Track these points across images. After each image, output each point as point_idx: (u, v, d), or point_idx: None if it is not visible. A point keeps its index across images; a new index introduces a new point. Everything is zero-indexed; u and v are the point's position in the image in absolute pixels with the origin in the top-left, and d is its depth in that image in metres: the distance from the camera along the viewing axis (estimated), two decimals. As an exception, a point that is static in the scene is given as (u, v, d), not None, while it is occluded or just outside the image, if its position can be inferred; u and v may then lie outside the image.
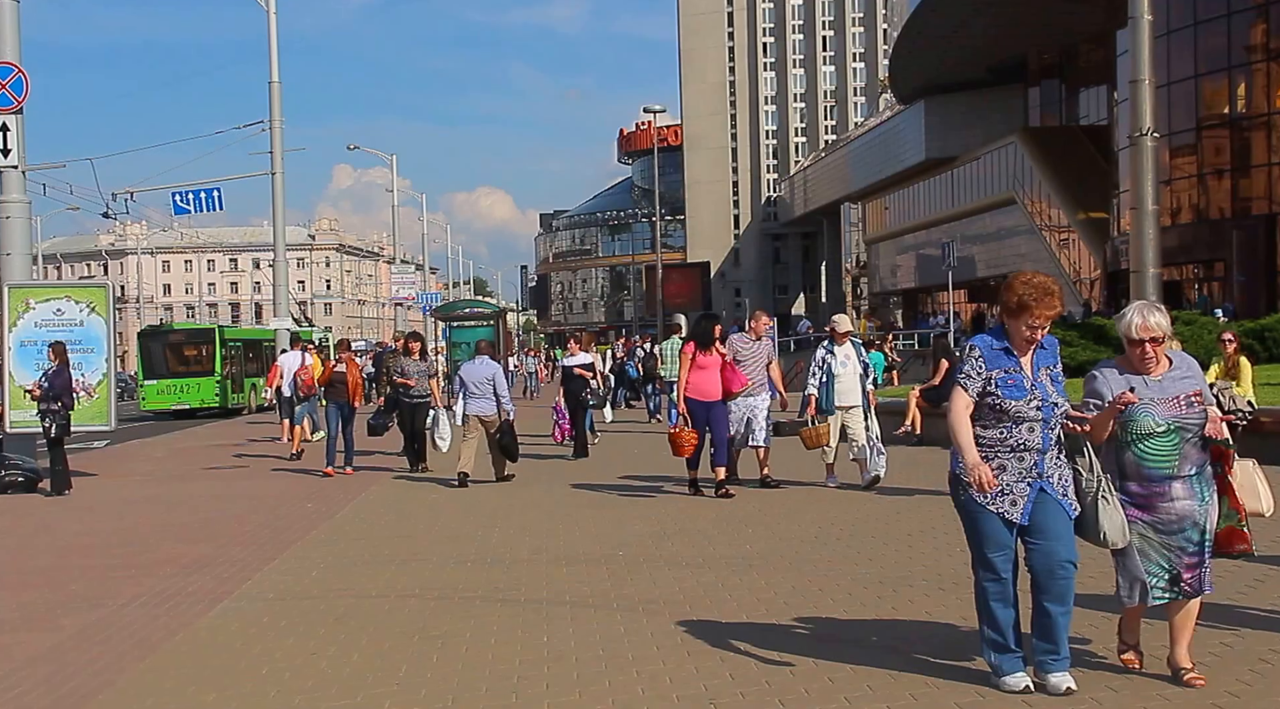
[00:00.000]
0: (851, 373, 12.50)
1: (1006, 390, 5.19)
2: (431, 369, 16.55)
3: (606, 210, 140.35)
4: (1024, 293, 5.19)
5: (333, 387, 16.23)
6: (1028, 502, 5.19)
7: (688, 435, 12.03)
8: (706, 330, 12.46)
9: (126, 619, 7.41)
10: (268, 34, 30.78)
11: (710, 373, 12.18)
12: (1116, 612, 5.75)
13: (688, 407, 12.19)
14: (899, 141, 69.49)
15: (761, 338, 12.98)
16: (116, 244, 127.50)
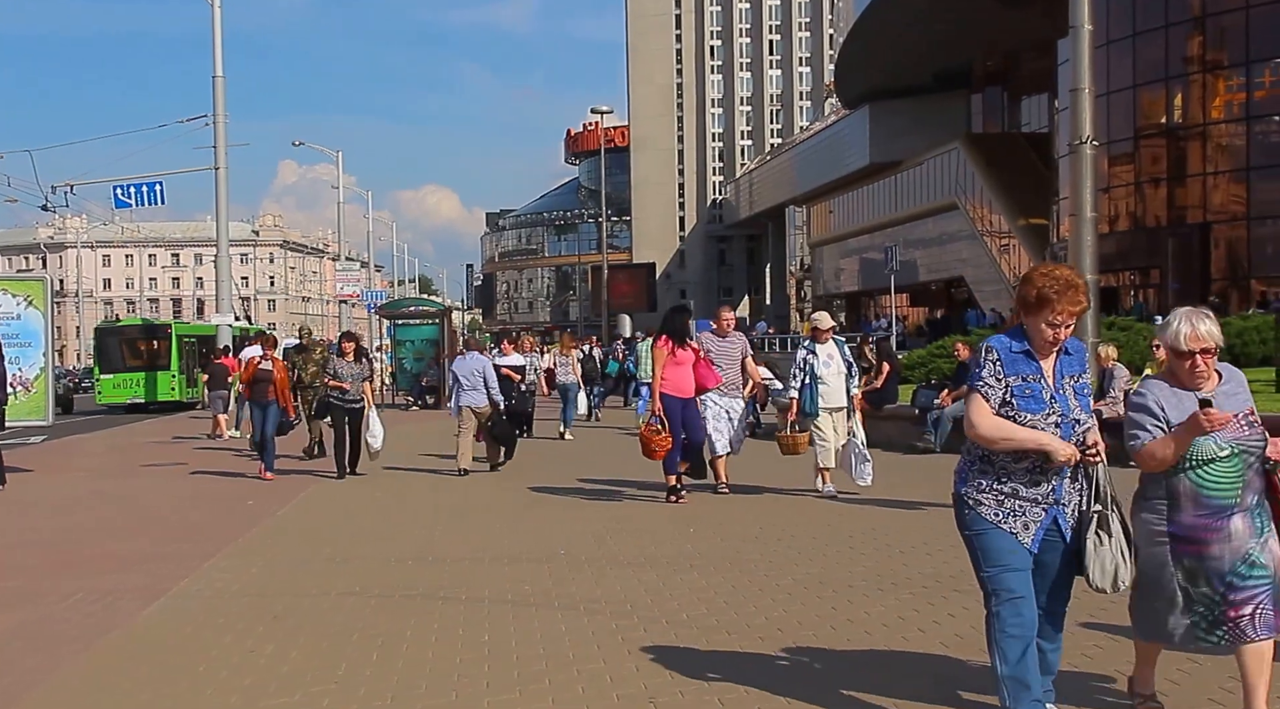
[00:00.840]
0: (835, 373, 11.84)
1: (1023, 402, 4.45)
2: (365, 371, 15.27)
3: (553, 210, 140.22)
4: (1044, 285, 4.45)
5: (256, 385, 15.30)
6: (1040, 528, 4.51)
7: (661, 438, 11.27)
8: (681, 324, 11.74)
9: (62, 616, 7.33)
10: (212, 28, 30.54)
11: (687, 369, 11.54)
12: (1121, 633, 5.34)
13: (664, 404, 11.39)
14: (844, 146, 69.87)
15: (728, 334, 12.40)
16: (56, 237, 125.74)
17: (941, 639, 6.21)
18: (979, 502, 4.54)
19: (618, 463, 16.60)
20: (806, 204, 79.69)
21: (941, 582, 7.61)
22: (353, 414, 14.79)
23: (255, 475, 15.13)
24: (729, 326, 12.49)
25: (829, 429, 11.82)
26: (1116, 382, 14.67)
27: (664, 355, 11.49)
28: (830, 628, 6.52)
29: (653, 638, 6.38)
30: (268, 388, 15.13)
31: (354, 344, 15.32)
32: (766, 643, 6.23)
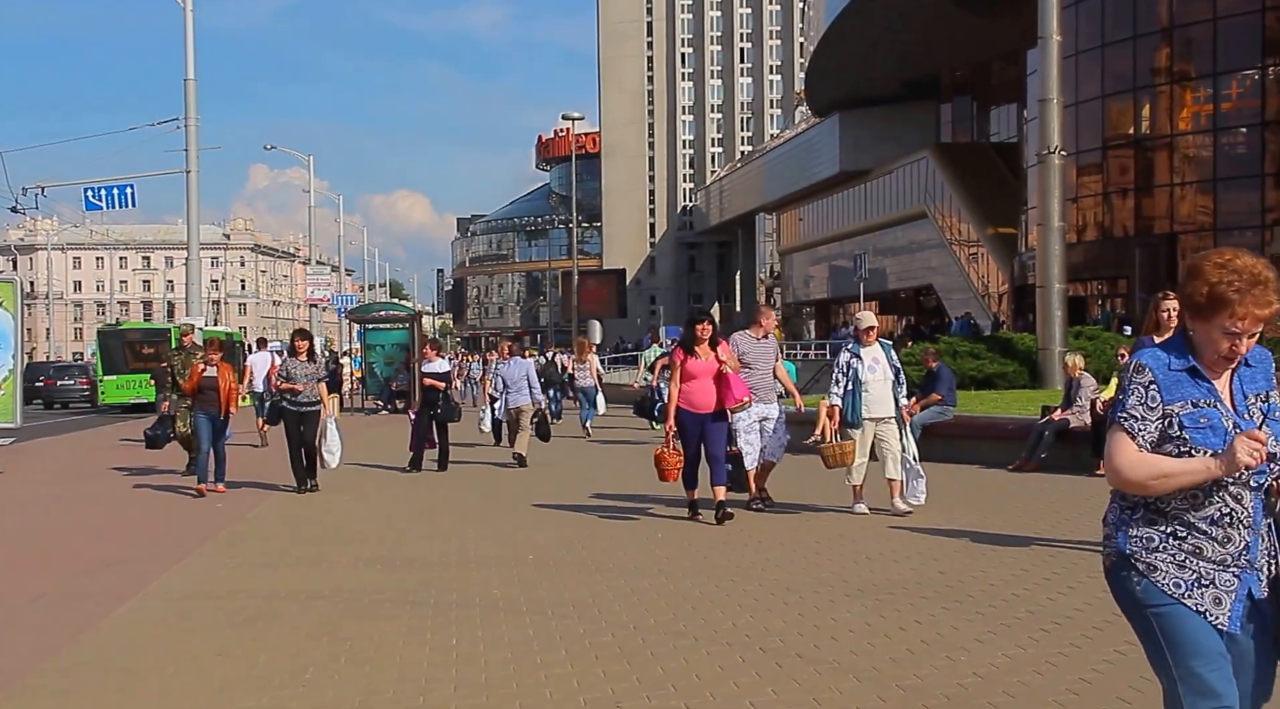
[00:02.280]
0: (882, 379, 10.83)
1: (1198, 434, 3.30)
2: (320, 371, 14.16)
3: (524, 216, 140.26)
4: (1219, 280, 3.25)
5: (202, 393, 13.87)
6: (1236, 601, 3.32)
7: (673, 457, 10.51)
8: (691, 332, 10.74)
9: (30, 618, 7.31)
10: (184, 30, 30.43)
11: (703, 381, 10.54)
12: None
13: (678, 420, 10.58)
14: (814, 154, 70.17)
15: (767, 335, 11.62)
16: (26, 239, 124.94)
17: (907, 645, 6.25)
18: (1152, 566, 3.35)
19: (587, 468, 16.62)
20: (776, 211, 79.99)
21: (907, 589, 7.66)
22: (308, 418, 13.65)
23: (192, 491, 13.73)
24: (768, 327, 11.63)
25: (865, 444, 10.85)
26: (1084, 391, 14.80)
27: (677, 368, 10.61)
28: (797, 634, 6.55)
29: (620, 643, 6.40)
30: (214, 396, 13.78)
31: (308, 342, 14.04)
32: (733, 649, 6.25)
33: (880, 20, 51.24)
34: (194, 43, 30.56)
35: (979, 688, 5.46)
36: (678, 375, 10.60)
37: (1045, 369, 22.62)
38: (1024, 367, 22.97)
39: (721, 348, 10.62)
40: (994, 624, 6.66)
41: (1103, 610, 6.93)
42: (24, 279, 20.80)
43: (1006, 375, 22.65)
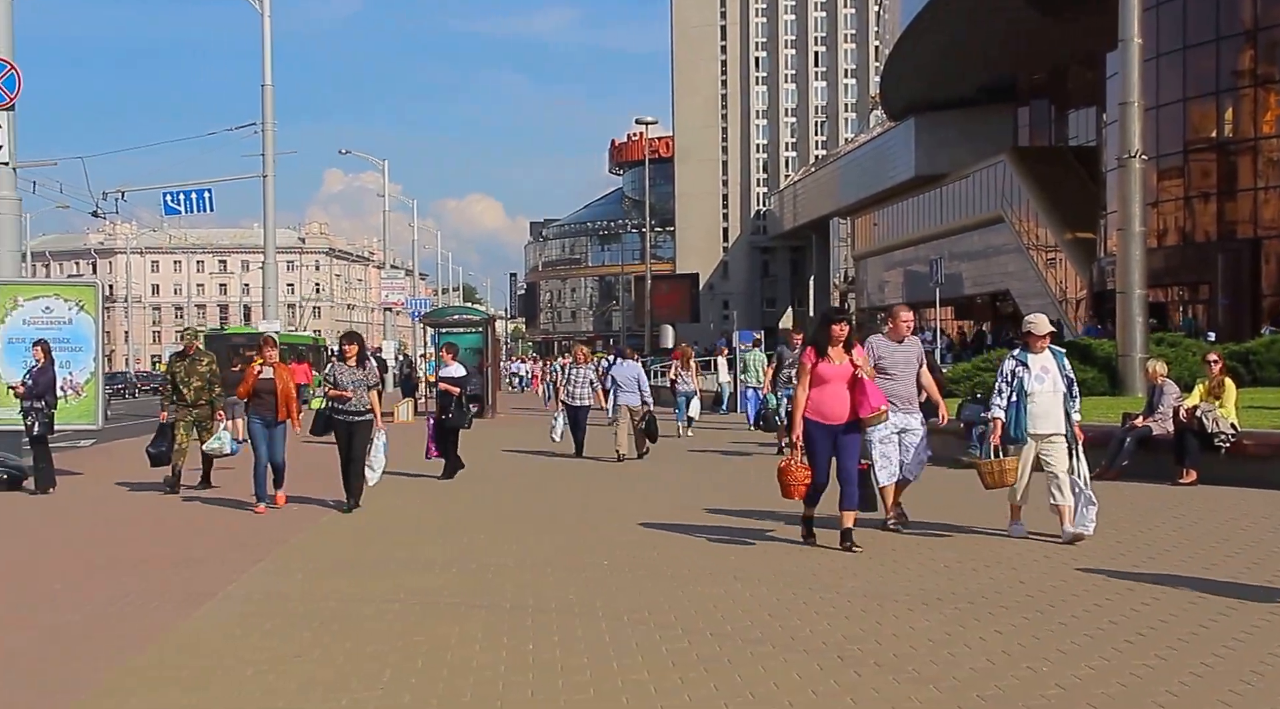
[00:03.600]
0: (1051, 390, 9.75)
1: None
2: (371, 378, 12.88)
3: (596, 220, 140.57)
4: None
5: (257, 397, 12.87)
6: None
7: (800, 472, 9.45)
8: (825, 333, 9.56)
9: (110, 619, 7.39)
10: (261, 36, 30.81)
11: (836, 388, 9.41)
12: None
13: (805, 432, 9.46)
14: (889, 158, 69.68)
15: (904, 339, 10.49)
16: (105, 243, 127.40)
17: (988, 656, 6.15)
18: None
19: (665, 472, 16.60)
20: (851, 216, 79.49)
21: (986, 598, 7.54)
22: (357, 429, 12.60)
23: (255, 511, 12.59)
24: (907, 329, 10.51)
25: (1027, 462, 9.83)
26: (1166, 398, 14.52)
27: (806, 372, 9.48)
28: (875, 642, 6.47)
29: (696, 650, 6.36)
30: (271, 401, 12.81)
31: (357, 346, 12.91)
32: (810, 657, 6.19)
33: (957, 23, 50.76)
34: (271, 48, 30.95)
35: (1062, 700, 5.36)
36: (806, 380, 9.46)
37: (1125, 376, 22.26)
38: (1103, 373, 22.60)
39: (857, 351, 9.54)
40: (1077, 635, 6.54)
41: (1188, 622, 6.79)
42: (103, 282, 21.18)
43: (1086, 382, 22.24)
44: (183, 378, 14.86)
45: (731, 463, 17.91)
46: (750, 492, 13.98)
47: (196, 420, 14.79)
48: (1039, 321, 10.04)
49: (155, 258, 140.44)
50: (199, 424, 14.79)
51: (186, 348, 15.29)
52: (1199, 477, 13.50)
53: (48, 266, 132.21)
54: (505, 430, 26.22)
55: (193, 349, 15.26)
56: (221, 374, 15.54)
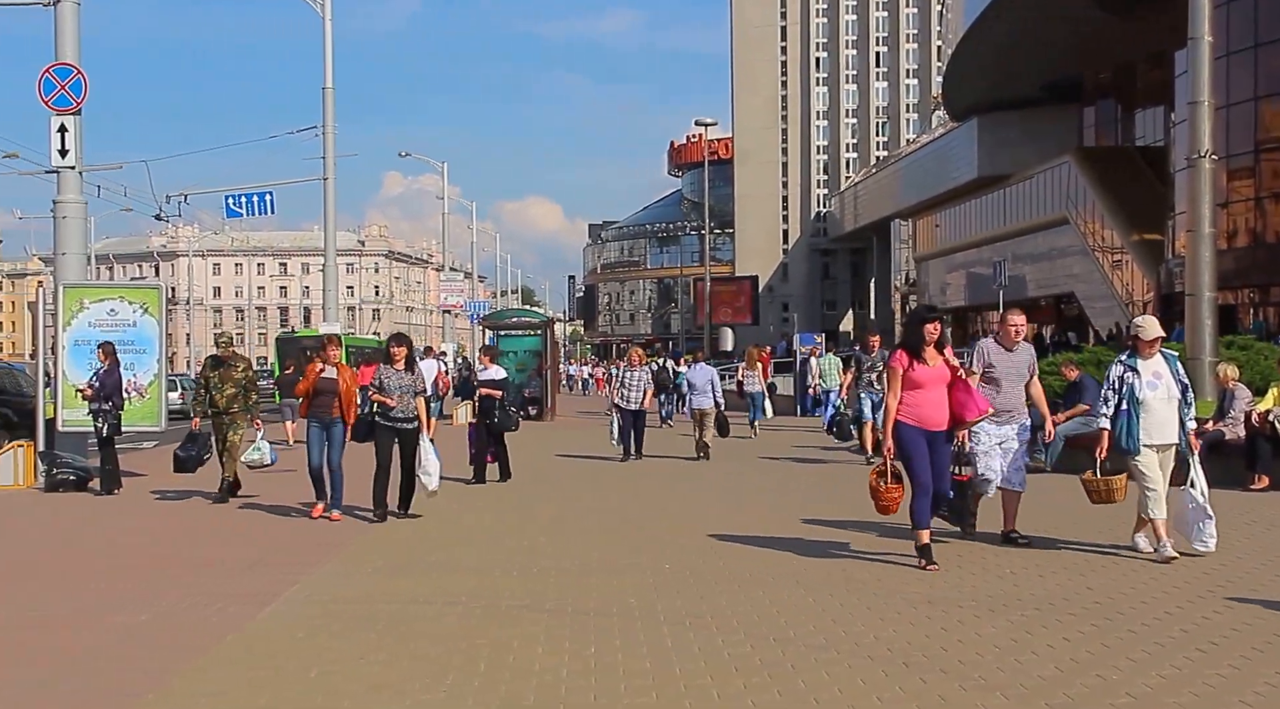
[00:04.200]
0: (1164, 397, 9.07)
1: None
2: (419, 383, 12.16)
3: (655, 222, 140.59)
4: None
5: (318, 397, 12.24)
6: None
7: (891, 491, 8.90)
8: (918, 333, 8.91)
9: (176, 619, 7.46)
10: (322, 39, 30.95)
11: (932, 392, 8.78)
12: None
13: (901, 438, 8.75)
14: (951, 159, 69.09)
15: (1016, 345, 9.77)
16: (168, 246, 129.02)
17: (1055, 663, 6.06)
18: None
19: (725, 475, 16.56)
20: (912, 217, 78.91)
21: (1054, 605, 7.44)
22: (404, 436, 11.97)
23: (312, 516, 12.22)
24: (1018, 335, 9.81)
25: (1155, 469, 9.05)
26: (1238, 402, 14.28)
27: (899, 374, 8.81)
28: (940, 649, 6.40)
29: (760, 655, 6.32)
30: (331, 401, 12.25)
31: (405, 349, 12.19)
32: (876, 663, 6.13)
33: (1021, 22, 50.21)
34: (332, 51, 31.08)
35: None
36: (898, 384, 8.78)
37: (1194, 380, 21.85)
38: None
39: (949, 350, 8.99)
40: (1147, 643, 6.44)
41: (1263, 630, 6.66)
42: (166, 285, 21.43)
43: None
44: (215, 383, 14.35)
45: (799, 468, 17.82)
46: (814, 497, 13.93)
47: (227, 428, 14.26)
48: (1148, 325, 9.30)
49: (216, 260, 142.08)
50: (232, 429, 14.27)
51: (223, 353, 14.81)
52: (1270, 482, 13.26)
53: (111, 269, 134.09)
54: (564, 433, 26.30)
55: (229, 355, 14.79)
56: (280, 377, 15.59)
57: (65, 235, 18.04)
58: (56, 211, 18.11)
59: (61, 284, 17.53)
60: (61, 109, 17.64)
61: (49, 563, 9.97)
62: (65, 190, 17.98)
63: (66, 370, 16.91)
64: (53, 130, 17.67)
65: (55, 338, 17.20)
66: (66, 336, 17.02)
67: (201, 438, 14.46)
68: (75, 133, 17.75)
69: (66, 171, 17.90)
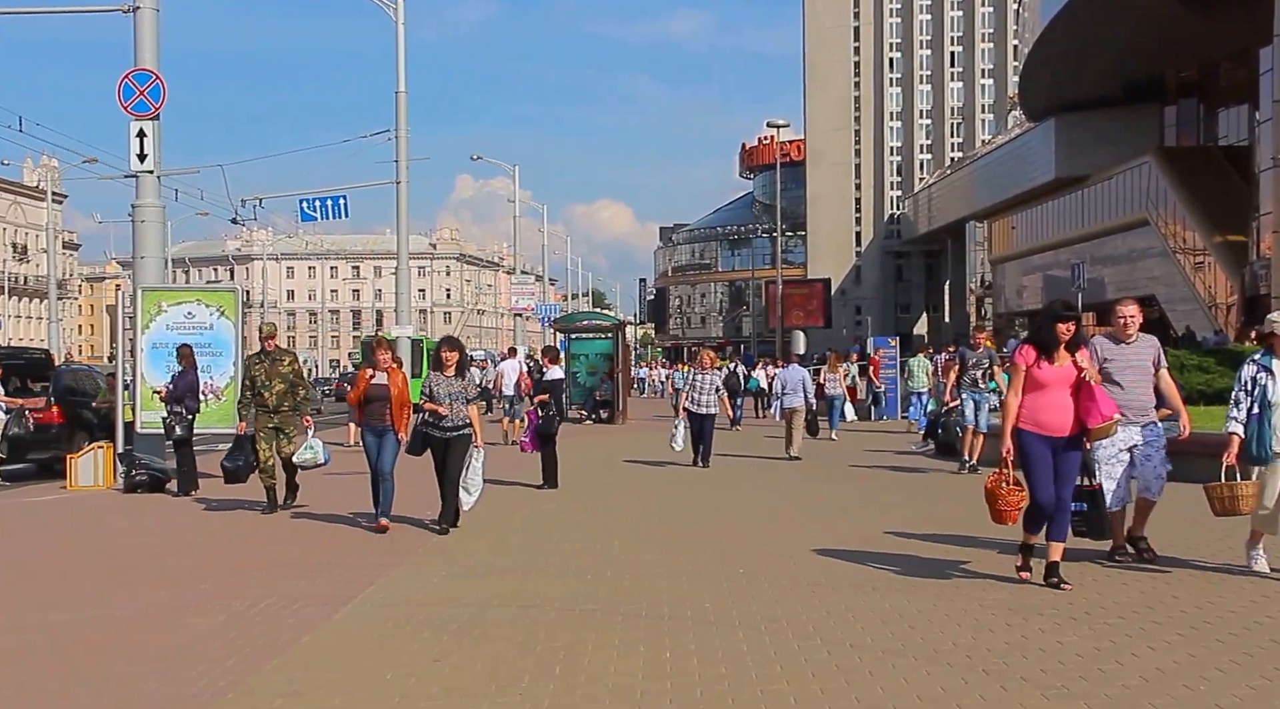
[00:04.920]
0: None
1: None
2: (471, 390, 11.57)
3: (727, 225, 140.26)
4: None
5: (369, 405, 11.72)
6: None
7: (1012, 494, 8.17)
8: (1051, 330, 8.13)
9: (254, 620, 7.52)
10: (395, 44, 31.11)
11: (1056, 394, 8.09)
12: None
13: (1021, 445, 8.14)
14: (1028, 160, 68.20)
15: (1133, 337, 9.04)
16: (242, 250, 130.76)
17: (1140, 673, 5.93)
18: None
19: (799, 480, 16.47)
20: (988, 219, 78.03)
21: (1138, 613, 7.29)
22: (454, 445, 11.35)
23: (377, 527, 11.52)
24: (1130, 326, 9.05)
25: (1272, 485, 8.37)
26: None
27: (1021, 371, 8.18)
28: (1021, 656, 6.29)
29: (836, 661, 6.25)
30: (384, 408, 11.68)
31: (458, 354, 11.54)
32: (954, 670, 6.04)
33: (1100, 20, 49.45)
34: (405, 55, 31.21)
35: None
36: (1020, 384, 8.17)
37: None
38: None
39: (1081, 353, 8.23)
40: (1235, 653, 6.28)
41: None
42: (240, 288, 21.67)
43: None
44: (263, 380, 13.31)
45: (878, 473, 17.67)
46: (894, 502, 13.81)
47: (279, 428, 13.35)
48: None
49: (290, 264, 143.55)
50: (280, 432, 13.37)
51: (265, 344, 13.62)
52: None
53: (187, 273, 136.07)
54: (636, 436, 26.28)
55: (273, 346, 13.66)
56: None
57: (144, 239, 18.18)
58: (135, 215, 18.25)
59: (140, 287, 17.68)
60: (140, 114, 17.77)
61: (126, 563, 10.10)
62: (144, 194, 18.14)
63: (144, 373, 17.11)
64: (132, 135, 17.83)
65: (134, 340, 17.44)
66: (145, 339, 17.18)
67: (247, 442, 13.55)
68: (154, 138, 17.90)
69: (145, 176, 18.05)
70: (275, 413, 13.35)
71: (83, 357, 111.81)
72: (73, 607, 8.00)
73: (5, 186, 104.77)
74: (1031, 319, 67.64)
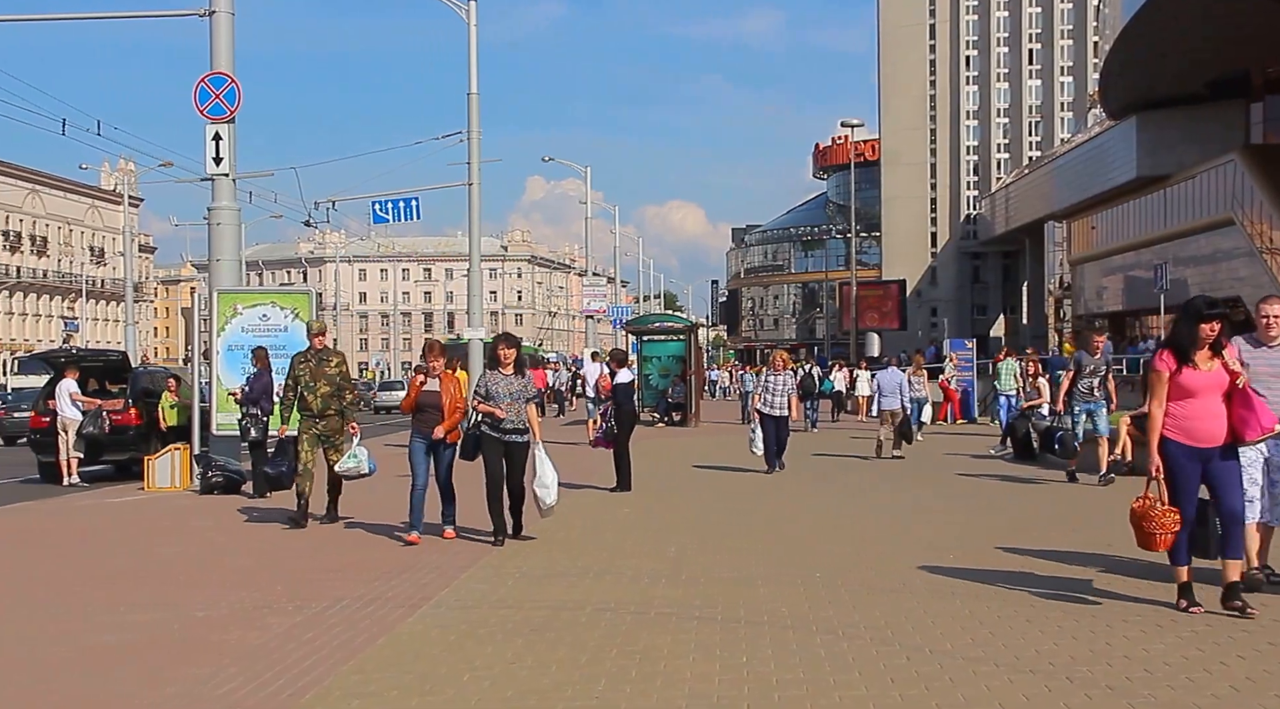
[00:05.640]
0: None
1: None
2: (530, 389, 10.80)
3: (799, 225, 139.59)
4: None
5: (421, 412, 11.00)
6: None
7: (1166, 515, 7.31)
8: (1193, 331, 7.45)
9: (330, 621, 7.56)
10: (467, 45, 31.21)
11: (1206, 401, 7.40)
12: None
13: (1167, 457, 7.40)
14: (1108, 158, 67.12)
15: (1276, 339, 8.06)
16: (315, 252, 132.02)
17: (1231, 682, 5.79)
18: None
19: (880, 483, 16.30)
20: (1067, 219, 76.89)
21: (1227, 623, 7.09)
22: (513, 450, 10.64)
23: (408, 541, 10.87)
24: (1275, 327, 8.06)
25: None
26: None
27: (1164, 379, 7.45)
28: (1106, 665, 6.16)
29: (916, 667, 6.16)
30: (435, 416, 10.97)
31: (515, 351, 10.81)
32: (1038, 677, 5.93)
33: (1184, 16, 48.56)
34: (477, 57, 31.30)
35: None
36: (1163, 393, 7.44)
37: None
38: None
39: (1229, 352, 7.55)
40: (1330, 661, 6.10)
41: None
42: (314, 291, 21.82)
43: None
44: (308, 381, 12.27)
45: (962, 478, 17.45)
46: (974, 507, 13.65)
47: (323, 434, 12.39)
48: None
49: (362, 266, 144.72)
50: (326, 439, 12.42)
51: (313, 342, 12.66)
52: None
53: (260, 275, 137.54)
54: (709, 439, 26.20)
55: (321, 344, 12.67)
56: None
57: (219, 241, 18.27)
58: (211, 218, 18.35)
59: (216, 290, 17.79)
60: (216, 118, 17.83)
61: (203, 564, 10.17)
62: (219, 197, 18.21)
63: (220, 375, 17.27)
64: (207, 138, 17.92)
65: (209, 343, 17.63)
66: (220, 342, 17.32)
67: (291, 449, 12.62)
68: (229, 141, 17.96)
69: (220, 179, 18.10)
70: (320, 417, 12.35)
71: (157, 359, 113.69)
72: (154, 607, 8.09)
73: (83, 191, 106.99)
74: (1112, 320, 66.75)
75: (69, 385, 19.29)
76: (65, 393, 19.14)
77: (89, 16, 32.15)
